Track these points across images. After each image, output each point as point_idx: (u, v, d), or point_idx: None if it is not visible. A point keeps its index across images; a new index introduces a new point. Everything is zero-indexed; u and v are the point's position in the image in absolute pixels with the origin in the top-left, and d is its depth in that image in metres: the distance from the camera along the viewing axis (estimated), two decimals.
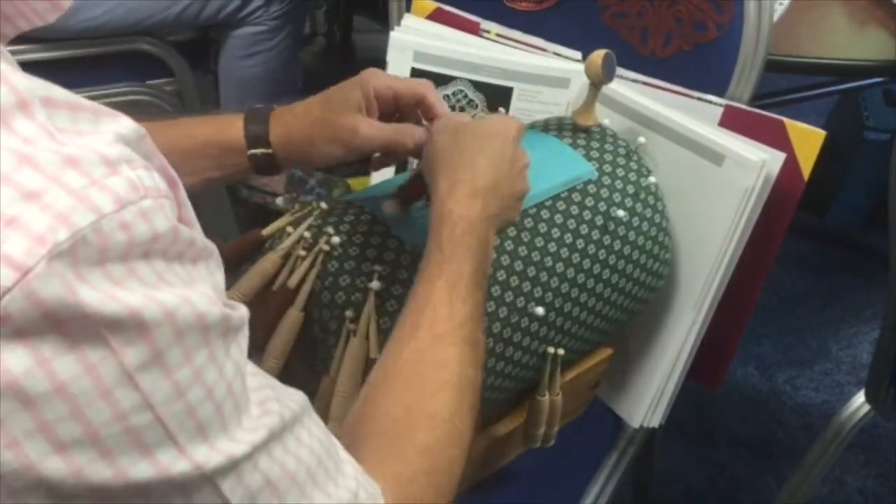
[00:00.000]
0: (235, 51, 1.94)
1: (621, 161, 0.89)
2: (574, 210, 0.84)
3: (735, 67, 0.96)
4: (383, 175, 1.04)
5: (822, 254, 2.16)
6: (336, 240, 0.76)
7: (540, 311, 0.80)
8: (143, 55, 1.75)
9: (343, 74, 0.81)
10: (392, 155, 0.83)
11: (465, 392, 0.63)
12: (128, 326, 0.37)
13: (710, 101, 0.94)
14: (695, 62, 0.98)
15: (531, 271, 0.81)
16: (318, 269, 0.76)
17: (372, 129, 0.76)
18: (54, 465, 0.37)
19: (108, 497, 0.39)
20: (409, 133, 0.77)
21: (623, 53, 0.90)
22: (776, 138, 0.89)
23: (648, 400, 0.99)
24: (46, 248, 0.34)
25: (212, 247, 0.45)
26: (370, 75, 0.78)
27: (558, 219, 0.83)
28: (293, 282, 0.76)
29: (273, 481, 0.46)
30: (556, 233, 0.83)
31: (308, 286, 0.75)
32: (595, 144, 0.90)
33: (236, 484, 0.43)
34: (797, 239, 2.13)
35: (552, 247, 0.82)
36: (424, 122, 0.79)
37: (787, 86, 1.84)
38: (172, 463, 0.40)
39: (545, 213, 0.83)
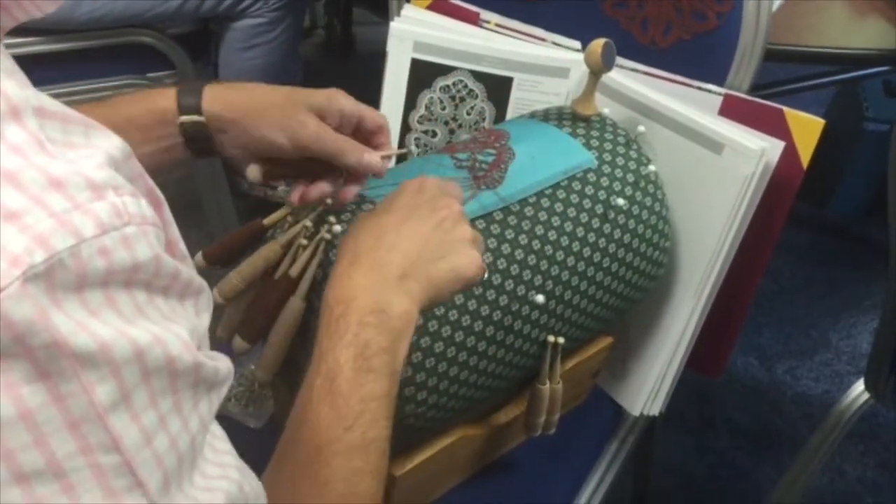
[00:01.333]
0: (235, 43, 1.94)
1: (621, 150, 0.90)
2: (574, 199, 0.85)
3: (734, 56, 0.96)
4: None
5: (822, 244, 2.16)
6: (337, 229, 0.76)
7: (540, 299, 0.81)
8: (144, 48, 1.75)
9: (343, 66, 0.81)
10: (330, 162, 0.75)
11: None
12: (98, 362, 0.36)
13: (709, 91, 0.94)
14: (694, 51, 0.98)
15: (531, 259, 0.81)
16: (320, 258, 0.76)
17: (323, 130, 0.72)
18: (13, 495, 0.35)
19: None
20: (359, 150, 0.73)
21: (623, 43, 0.90)
22: (775, 127, 0.89)
23: (648, 388, 0.99)
24: (21, 269, 0.34)
25: (202, 284, 0.44)
26: (341, 94, 0.75)
27: (558, 207, 0.84)
28: (295, 271, 0.76)
29: None
30: (556, 221, 0.83)
31: (310, 275, 0.76)
32: (595, 133, 0.90)
33: None
34: (797, 229, 2.13)
35: (552, 235, 0.83)
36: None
37: (786, 76, 1.84)
38: None
39: (545, 202, 0.84)
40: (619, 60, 0.92)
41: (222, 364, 0.45)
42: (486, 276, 0.73)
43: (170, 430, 0.40)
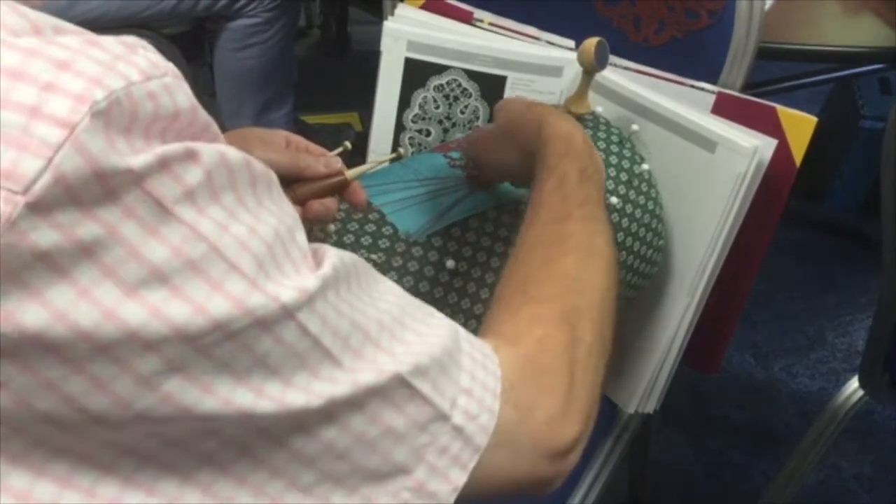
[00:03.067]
0: (231, 43, 1.95)
1: (614, 148, 0.90)
2: None
3: (727, 54, 0.97)
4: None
5: (818, 241, 2.17)
6: (331, 227, 0.77)
7: None
8: None
9: (338, 66, 0.81)
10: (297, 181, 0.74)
11: (593, 256, 0.63)
12: (158, 167, 0.38)
13: (702, 89, 0.94)
14: (687, 49, 0.98)
15: None
16: None
17: (277, 149, 0.72)
18: (131, 310, 0.37)
19: (199, 338, 0.39)
20: (317, 158, 0.73)
21: (616, 41, 0.91)
22: (768, 125, 0.90)
23: (643, 386, 0.99)
24: (87, 105, 0.35)
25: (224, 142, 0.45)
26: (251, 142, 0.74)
27: None
28: None
29: (358, 323, 0.46)
30: None
31: None
32: (588, 132, 0.90)
33: (316, 317, 0.43)
34: (793, 227, 2.14)
35: None
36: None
37: (781, 74, 1.84)
38: (245, 295, 0.40)
39: None
40: (613, 59, 0.93)
41: (271, 171, 0.46)
42: None
43: (241, 220, 0.41)
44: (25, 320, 0.35)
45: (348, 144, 0.77)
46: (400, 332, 0.48)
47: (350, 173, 0.74)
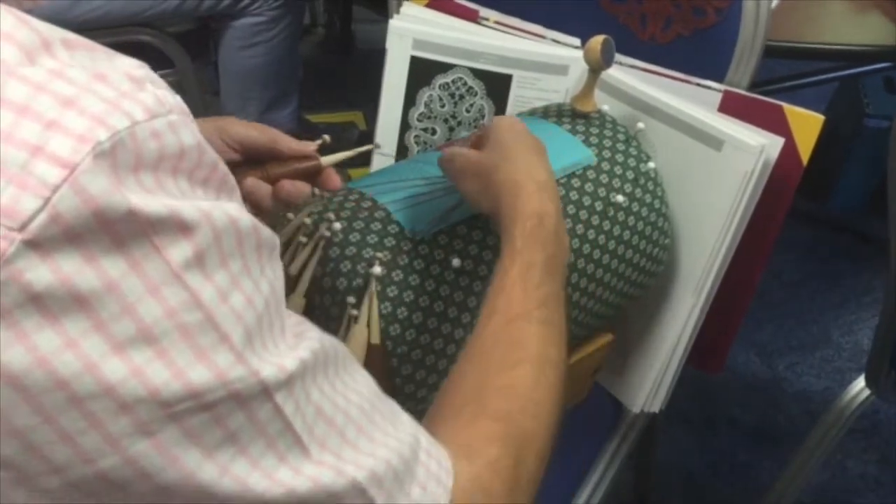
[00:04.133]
0: (235, 41, 1.95)
1: (620, 147, 0.90)
2: (574, 196, 0.85)
3: (734, 53, 0.96)
4: (384, 162, 1.05)
5: (823, 240, 2.16)
6: (337, 226, 0.76)
7: None
8: (143, 46, 1.75)
9: (343, 64, 0.80)
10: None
11: (545, 368, 0.61)
12: (170, 225, 0.38)
13: (709, 87, 0.94)
14: (694, 47, 0.98)
15: None
16: (320, 256, 0.76)
17: (254, 126, 0.72)
18: (114, 366, 0.37)
19: (174, 404, 0.38)
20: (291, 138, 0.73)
21: (622, 39, 0.90)
22: (775, 123, 0.89)
23: (649, 385, 0.99)
24: (90, 145, 0.35)
25: (234, 183, 0.45)
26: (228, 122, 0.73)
27: None
28: (294, 268, 0.76)
29: (326, 413, 0.46)
30: None
31: (309, 272, 0.76)
32: (594, 130, 0.90)
33: (291, 400, 0.43)
34: (798, 225, 2.13)
35: None
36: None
37: (787, 73, 1.84)
38: (229, 367, 0.40)
39: None
40: (619, 57, 0.92)
41: (274, 236, 0.46)
42: None
43: (243, 289, 0.41)
44: (8, 360, 0.35)
45: (327, 138, 0.77)
46: (367, 427, 0.48)
47: (325, 160, 0.74)
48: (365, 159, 1.10)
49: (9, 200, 0.34)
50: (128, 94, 0.38)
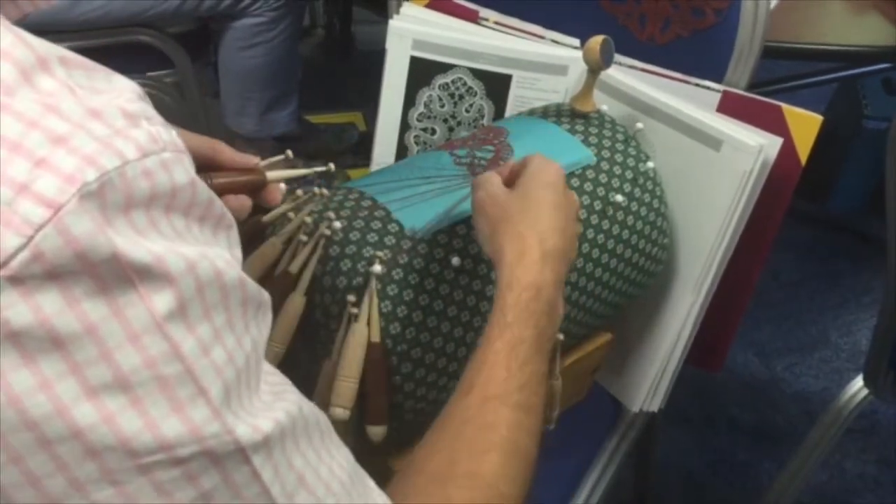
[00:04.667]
0: (235, 42, 1.95)
1: (620, 147, 0.90)
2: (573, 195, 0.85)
3: (732, 53, 0.97)
4: (384, 163, 1.05)
5: (822, 241, 2.17)
6: (337, 224, 0.77)
7: None
8: (143, 47, 1.75)
9: (343, 65, 0.81)
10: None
11: (513, 458, 0.59)
12: (154, 274, 0.37)
13: (707, 87, 0.95)
14: (693, 48, 0.98)
15: None
16: (320, 254, 0.76)
17: (196, 136, 0.71)
18: (85, 411, 0.36)
19: (144, 455, 0.38)
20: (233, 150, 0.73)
21: (621, 39, 0.91)
22: (774, 123, 0.90)
23: (648, 384, 1.00)
24: (76, 186, 0.35)
25: (231, 220, 0.44)
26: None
27: None
28: (295, 267, 0.76)
29: (308, 483, 0.45)
30: None
31: (310, 271, 0.76)
32: (593, 130, 0.91)
33: (270, 464, 0.42)
34: (797, 226, 2.14)
35: None
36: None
37: (786, 74, 1.84)
38: (205, 423, 0.39)
39: None
40: (618, 57, 0.93)
41: (264, 293, 0.46)
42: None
43: (225, 343, 0.41)
44: None
45: (289, 153, 0.78)
46: (346, 503, 0.47)
47: (272, 175, 0.74)
48: (364, 160, 1.10)
49: None
50: (121, 131, 0.37)
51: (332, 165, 0.81)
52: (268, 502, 0.43)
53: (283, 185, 0.77)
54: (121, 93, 0.40)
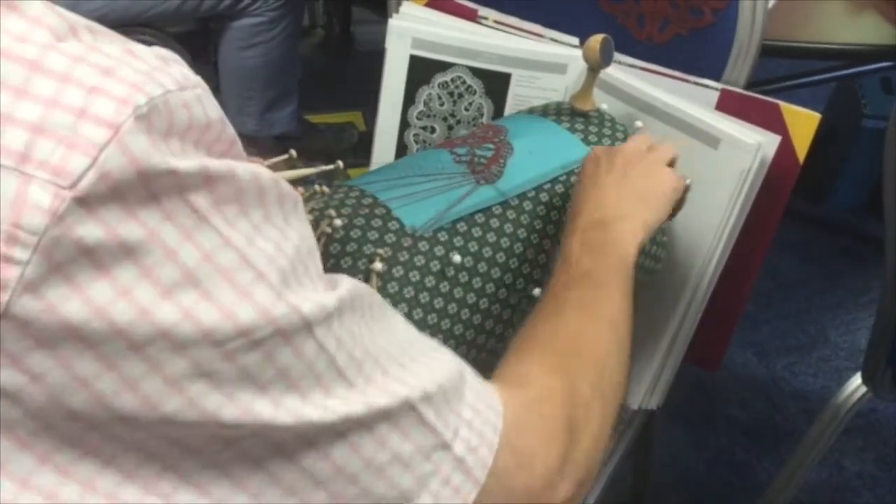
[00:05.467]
0: (235, 42, 1.95)
1: (619, 145, 0.90)
2: (572, 193, 0.85)
3: (731, 52, 0.97)
4: (383, 161, 1.05)
5: (821, 241, 2.17)
6: (338, 222, 0.77)
7: (538, 292, 0.81)
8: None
9: (342, 65, 0.81)
10: None
11: (594, 322, 0.66)
12: (199, 181, 0.39)
13: (706, 86, 0.95)
14: (691, 47, 0.99)
15: (530, 253, 0.82)
16: (321, 252, 0.76)
17: None
18: (166, 310, 0.38)
19: (226, 343, 0.40)
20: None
21: (620, 38, 0.91)
22: (772, 121, 0.90)
23: (646, 382, 1.00)
24: (131, 108, 0.37)
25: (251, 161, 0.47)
26: None
27: (557, 202, 0.84)
28: None
29: (370, 351, 0.47)
30: (554, 216, 0.84)
31: None
32: (593, 129, 0.91)
33: (332, 336, 0.45)
34: (795, 226, 2.14)
35: (551, 229, 0.83)
36: None
37: (785, 73, 1.84)
38: (271, 304, 0.41)
39: (544, 197, 0.84)
40: (617, 56, 0.93)
41: (295, 192, 0.48)
42: (687, 184, 0.83)
43: (268, 235, 0.43)
44: (67, 313, 0.36)
45: (293, 152, 0.78)
46: (409, 362, 0.50)
47: (278, 175, 0.74)
48: (364, 160, 1.10)
49: (58, 160, 0.36)
50: (158, 67, 0.40)
51: (340, 163, 0.82)
52: (335, 371, 0.45)
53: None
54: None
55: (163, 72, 0.40)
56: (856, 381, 1.18)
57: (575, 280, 0.69)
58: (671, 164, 0.82)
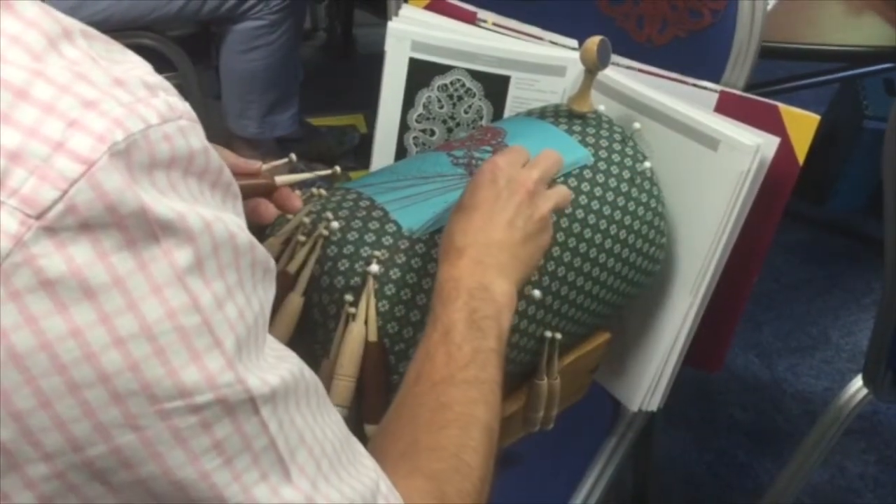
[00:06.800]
0: (236, 45, 1.96)
1: (617, 147, 0.90)
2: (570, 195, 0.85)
3: (730, 54, 0.97)
4: (383, 164, 1.06)
5: (822, 242, 2.17)
6: (335, 225, 0.77)
7: (537, 294, 0.81)
8: (145, 50, 1.76)
9: (343, 68, 0.81)
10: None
11: (473, 429, 0.62)
12: (176, 230, 0.40)
13: (705, 88, 0.95)
14: (690, 49, 0.98)
15: None
16: (318, 254, 0.77)
17: None
18: (113, 357, 0.38)
19: (162, 401, 0.40)
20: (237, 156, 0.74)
21: (618, 40, 0.91)
22: (771, 123, 0.90)
23: (646, 383, 1.00)
24: (107, 145, 0.37)
25: (237, 190, 0.47)
26: None
27: None
28: (293, 267, 0.77)
29: (307, 441, 0.47)
30: (552, 217, 0.84)
31: (308, 271, 0.76)
32: (591, 130, 0.91)
33: (275, 418, 0.44)
34: (797, 227, 2.14)
35: None
36: None
37: (786, 75, 1.84)
38: (219, 372, 0.41)
39: None
40: (615, 58, 0.93)
41: (271, 260, 0.48)
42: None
43: (237, 301, 0.43)
44: (14, 341, 0.37)
45: (293, 156, 0.78)
46: (338, 465, 0.50)
47: (280, 180, 0.75)
48: (365, 162, 1.10)
49: (30, 190, 0.36)
50: (143, 99, 0.40)
51: (337, 168, 0.82)
52: (273, 455, 0.45)
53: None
54: (136, 65, 0.43)
55: (147, 104, 0.40)
56: (857, 383, 1.18)
57: (460, 368, 0.64)
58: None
